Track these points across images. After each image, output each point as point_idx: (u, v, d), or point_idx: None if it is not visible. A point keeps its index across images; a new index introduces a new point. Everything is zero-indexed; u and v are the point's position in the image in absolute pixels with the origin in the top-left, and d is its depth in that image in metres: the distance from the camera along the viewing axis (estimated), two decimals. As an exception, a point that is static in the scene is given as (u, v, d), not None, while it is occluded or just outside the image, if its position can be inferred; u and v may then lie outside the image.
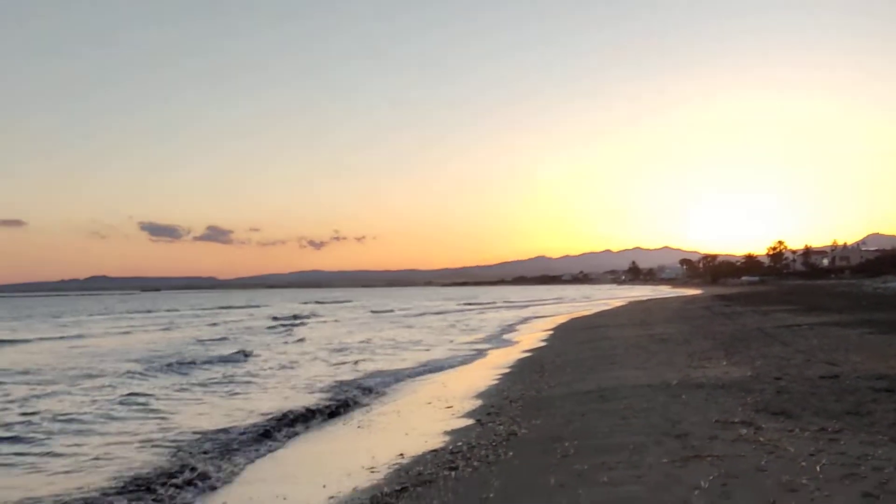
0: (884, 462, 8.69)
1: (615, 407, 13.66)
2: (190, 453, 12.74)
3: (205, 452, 12.81)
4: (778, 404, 12.71)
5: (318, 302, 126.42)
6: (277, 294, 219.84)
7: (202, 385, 22.09)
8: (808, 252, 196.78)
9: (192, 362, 28.25)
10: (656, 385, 15.79)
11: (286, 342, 39.96)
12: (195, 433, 14.54)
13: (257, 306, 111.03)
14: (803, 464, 8.79)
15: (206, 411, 17.43)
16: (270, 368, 26.40)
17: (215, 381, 23.00)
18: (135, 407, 17.95)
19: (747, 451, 9.59)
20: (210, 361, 28.78)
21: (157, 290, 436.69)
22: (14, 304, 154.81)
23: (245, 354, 31.09)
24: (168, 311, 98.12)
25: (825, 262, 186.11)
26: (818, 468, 8.56)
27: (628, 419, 12.38)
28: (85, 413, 17.25)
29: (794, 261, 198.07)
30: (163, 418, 16.50)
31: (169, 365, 27.26)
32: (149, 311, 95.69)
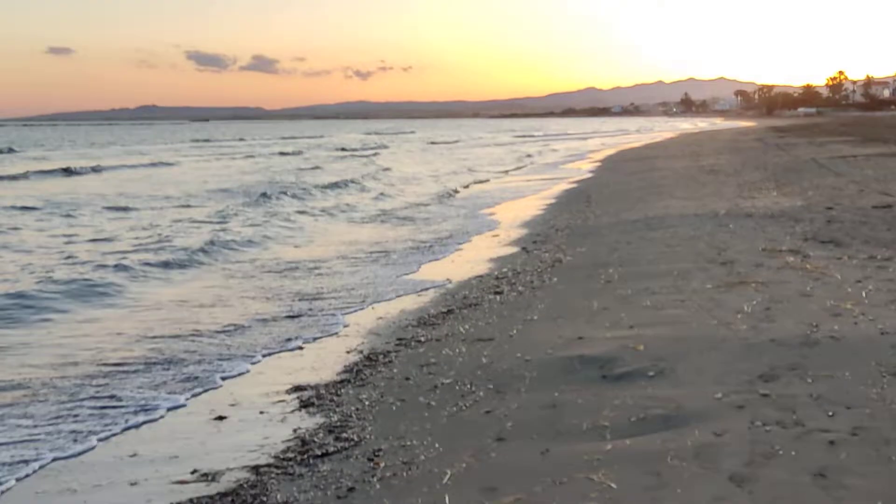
0: (932, 288, 8.64)
1: (661, 235, 13.66)
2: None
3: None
4: (827, 233, 12.60)
5: (377, 133, 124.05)
6: (329, 125, 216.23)
7: (324, 212, 22.83)
8: (868, 83, 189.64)
9: (307, 189, 29.17)
10: (704, 214, 15.70)
11: (371, 171, 40.05)
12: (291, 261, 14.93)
13: (319, 137, 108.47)
14: (849, 290, 8.78)
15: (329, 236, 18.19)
16: (373, 198, 27.08)
17: (333, 207, 23.87)
18: (273, 229, 18.98)
19: (793, 277, 9.59)
20: (326, 188, 29.97)
21: (206, 120, 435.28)
22: (73, 133, 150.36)
23: (349, 182, 32.13)
24: (232, 140, 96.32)
25: (886, 93, 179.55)
26: (864, 294, 8.55)
27: (674, 247, 12.40)
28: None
29: (853, 91, 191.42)
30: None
31: (289, 193, 27.72)
32: (207, 141, 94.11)
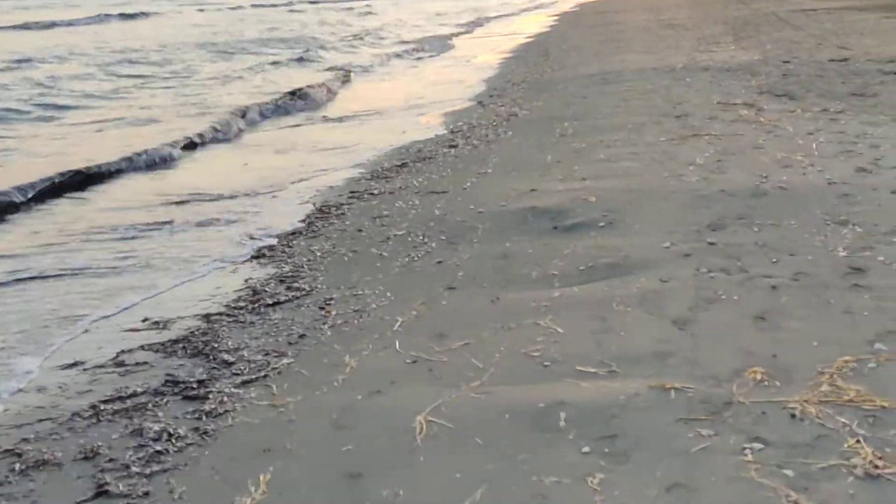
0: (881, 140, 8.71)
1: (617, 89, 13.53)
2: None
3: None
4: (782, 86, 12.55)
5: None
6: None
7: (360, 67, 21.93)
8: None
9: (326, 42, 28.34)
10: (661, 68, 15.51)
11: (383, 24, 36.99)
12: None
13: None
14: (800, 142, 8.82)
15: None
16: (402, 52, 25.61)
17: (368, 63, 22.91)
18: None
19: (746, 130, 9.60)
20: (349, 39, 29.42)
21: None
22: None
23: (365, 35, 31.00)
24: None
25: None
26: (814, 146, 8.60)
27: (629, 101, 12.30)
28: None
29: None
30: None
31: (319, 46, 26.59)
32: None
